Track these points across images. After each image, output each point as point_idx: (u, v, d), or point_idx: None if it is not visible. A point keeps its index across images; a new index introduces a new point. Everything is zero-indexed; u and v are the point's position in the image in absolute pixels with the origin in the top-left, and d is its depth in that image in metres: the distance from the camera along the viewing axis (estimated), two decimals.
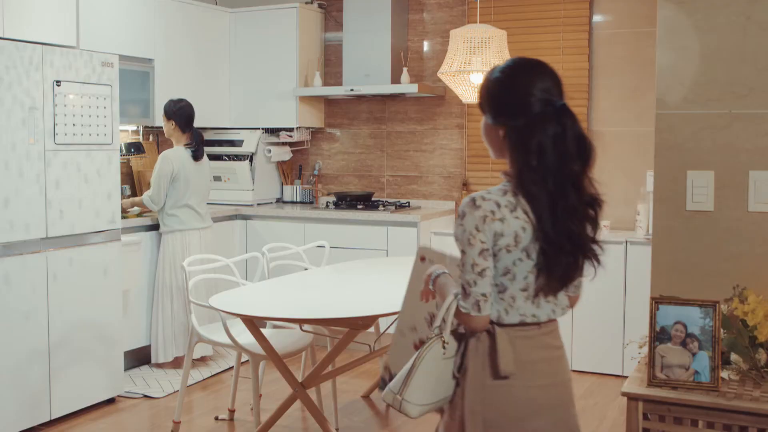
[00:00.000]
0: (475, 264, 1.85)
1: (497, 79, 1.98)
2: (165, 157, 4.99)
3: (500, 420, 1.89)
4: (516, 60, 2.04)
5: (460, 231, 1.87)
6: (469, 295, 1.86)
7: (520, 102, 1.92)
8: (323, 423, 3.55)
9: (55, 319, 4.11)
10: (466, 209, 1.86)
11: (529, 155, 1.85)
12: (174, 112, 5.03)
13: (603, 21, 5.39)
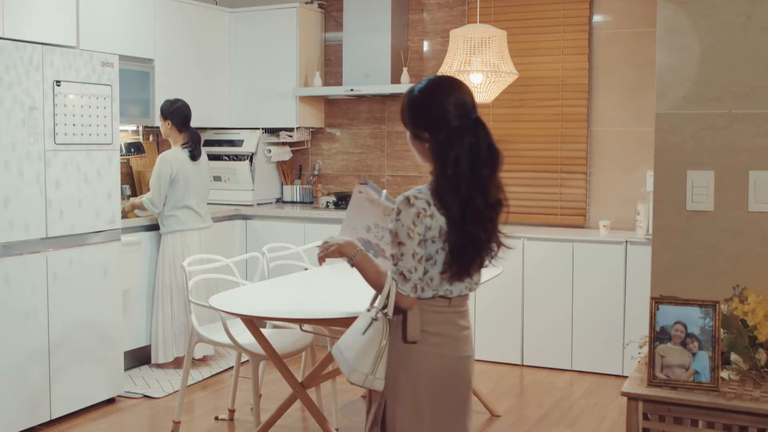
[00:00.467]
0: (415, 253, 2.14)
1: (416, 98, 2.22)
2: (163, 159, 4.98)
3: (411, 375, 2.22)
4: (432, 79, 2.26)
5: (398, 226, 2.14)
6: (409, 280, 2.15)
7: (440, 118, 2.17)
8: (323, 423, 3.55)
9: (55, 319, 4.11)
10: (402, 207, 2.14)
11: (446, 165, 2.14)
12: (171, 111, 5.03)
13: (603, 21, 5.39)
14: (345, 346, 2.26)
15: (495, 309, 5.25)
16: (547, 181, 5.56)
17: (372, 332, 2.19)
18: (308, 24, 6.12)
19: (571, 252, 5.07)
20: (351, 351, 2.23)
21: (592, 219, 5.47)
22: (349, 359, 2.23)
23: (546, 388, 4.81)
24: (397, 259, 2.15)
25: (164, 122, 5.06)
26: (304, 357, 4.43)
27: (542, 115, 5.55)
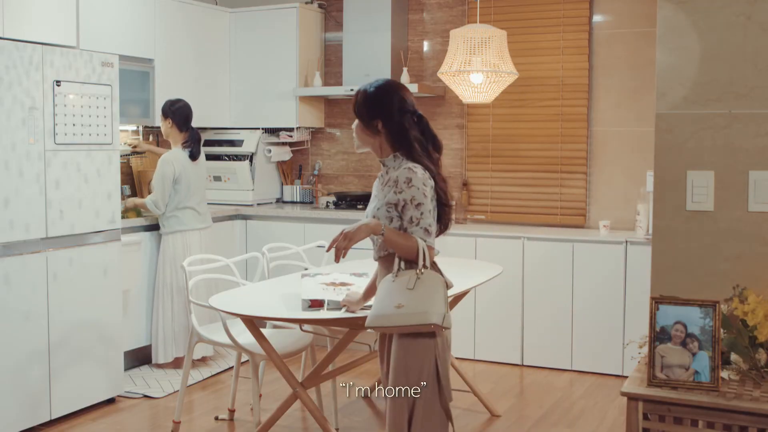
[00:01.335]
0: (431, 210, 2.57)
1: (372, 93, 2.69)
2: (165, 161, 4.98)
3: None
4: (383, 80, 2.75)
5: (414, 191, 2.54)
6: (431, 234, 2.57)
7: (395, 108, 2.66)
8: (323, 423, 3.55)
9: (55, 319, 4.11)
10: (410, 175, 2.55)
11: (410, 144, 2.63)
12: (172, 111, 5.04)
13: (603, 21, 5.39)
14: (398, 303, 2.46)
15: (495, 309, 5.25)
16: (547, 181, 5.56)
17: (426, 281, 2.47)
18: (308, 24, 6.12)
19: (571, 252, 5.07)
20: (414, 302, 2.45)
21: (592, 219, 5.47)
22: (418, 308, 2.44)
23: (546, 388, 4.81)
24: (418, 219, 2.53)
25: (165, 121, 5.06)
26: (304, 357, 4.43)
27: (542, 115, 5.55)
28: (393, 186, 2.57)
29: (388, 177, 2.64)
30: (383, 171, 2.70)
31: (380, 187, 2.68)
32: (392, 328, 2.49)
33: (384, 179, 2.67)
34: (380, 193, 2.65)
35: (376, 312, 2.50)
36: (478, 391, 4.39)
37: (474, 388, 4.39)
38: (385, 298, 2.49)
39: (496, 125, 5.71)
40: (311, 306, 3.22)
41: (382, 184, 2.67)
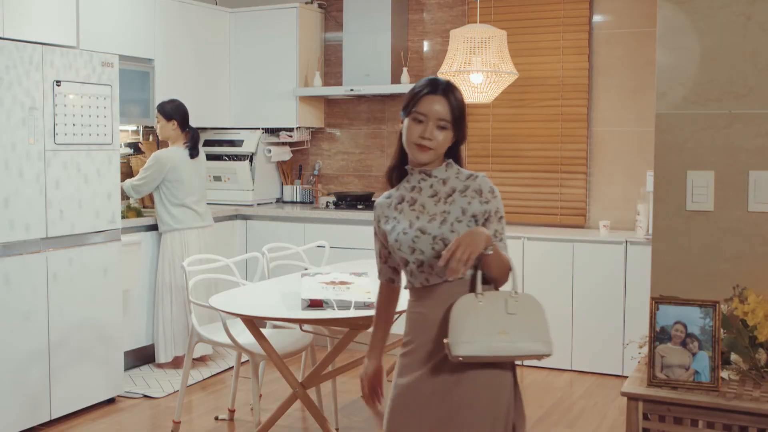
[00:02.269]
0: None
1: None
2: (156, 158, 4.97)
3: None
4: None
5: (498, 201, 2.27)
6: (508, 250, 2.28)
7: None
8: (323, 423, 3.55)
9: (55, 319, 4.11)
10: (493, 186, 2.29)
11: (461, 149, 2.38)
12: (175, 111, 5.03)
13: (603, 21, 5.39)
14: (501, 329, 2.11)
15: None
16: (547, 181, 5.56)
17: (525, 304, 2.14)
18: (308, 24, 6.12)
19: (571, 252, 5.07)
20: (519, 328, 2.11)
21: (592, 219, 5.47)
22: (526, 335, 2.11)
23: (546, 388, 4.81)
24: (501, 234, 2.25)
25: (168, 123, 5.03)
26: (304, 357, 4.43)
27: (542, 115, 5.55)
28: (475, 195, 2.20)
29: (450, 187, 2.23)
30: (425, 183, 2.26)
31: (432, 199, 2.23)
32: (492, 358, 2.10)
33: (435, 191, 2.24)
34: (445, 206, 2.21)
35: (473, 338, 2.08)
36: None
37: None
38: (484, 323, 2.09)
39: (496, 125, 5.71)
40: (311, 305, 3.22)
41: (432, 196, 2.23)
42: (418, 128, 2.20)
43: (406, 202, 2.27)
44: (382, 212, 2.30)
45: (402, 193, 2.29)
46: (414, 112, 2.20)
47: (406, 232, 2.21)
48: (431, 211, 2.22)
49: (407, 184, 2.29)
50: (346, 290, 3.36)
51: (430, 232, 2.19)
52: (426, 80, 2.26)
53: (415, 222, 2.21)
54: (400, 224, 2.23)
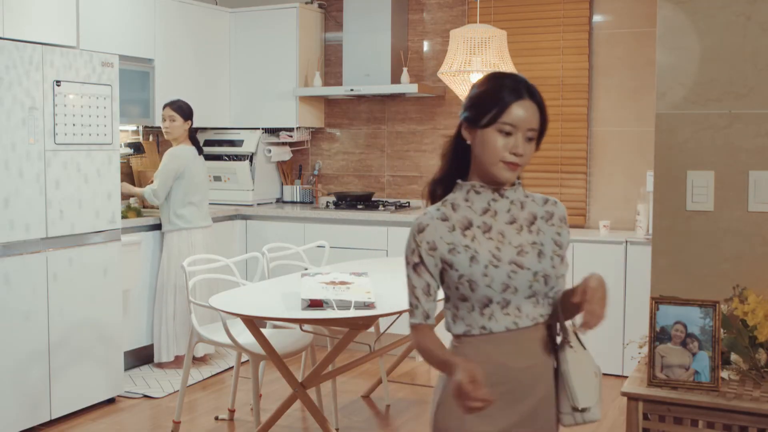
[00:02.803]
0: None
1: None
2: (174, 155, 4.99)
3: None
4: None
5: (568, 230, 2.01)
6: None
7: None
8: (323, 423, 3.55)
9: (55, 319, 4.11)
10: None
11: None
12: (191, 112, 5.07)
13: (603, 21, 5.39)
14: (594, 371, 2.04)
15: None
16: (547, 181, 5.56)
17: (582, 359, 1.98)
18: (308, 24, 6.12)
19: (571, 252, 5.06)
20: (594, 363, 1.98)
21: (592, 219, 5.47)
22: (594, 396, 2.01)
23: None
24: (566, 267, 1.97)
25: (185, 122, 5.05)
26: (304, 357, 4.43)
27: None
28: (562, 224, 1.94)
29: (530, 213, 1.92)
30: (498, 205, 1.90)
31: (511, 227, 1.89)
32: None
33: (512, 216, 1.91)
34: (533, 236, 1.89)
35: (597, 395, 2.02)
36: None
37: None
38: (587, 371, 1.99)
39: None
40: (311, 305, 3.22)
41: (511, 222, 1.90)
42: (505, 142, 1.83)
43: (476, 227, 1.87)
44: (440, 237, 1.85)
45: (467, 216, 1.88)
46: (500, 123, 1.83)
47: (496, 266, 1.82)
48: (515, 241, 1.87)
49: (471, 205, 1.89)
50: (346, 290, 3.36)
51: (530, 267, 1.84)
52: (507, 80, 1.87)
53: (500, 254, 1.84)
54: (482, 255, 1.83)
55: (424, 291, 1.87)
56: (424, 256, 1.85)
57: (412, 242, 1.87)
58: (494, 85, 1.87)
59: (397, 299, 3.47)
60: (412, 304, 1.89)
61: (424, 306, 1.88)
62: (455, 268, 1.83)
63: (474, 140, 1.89)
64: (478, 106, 1.87)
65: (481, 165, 1.88)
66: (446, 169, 1.96)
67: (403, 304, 3.46)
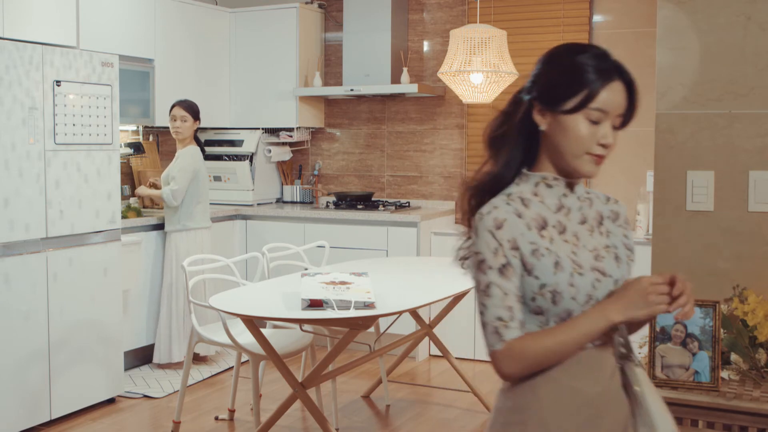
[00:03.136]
0: None
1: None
2: (191, 156, 5.03)
3: None
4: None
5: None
6: None
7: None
8: (323, 423, 3.55)
9: (55, 319, 4.11)
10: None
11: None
12: (199, 111, 5.10)
13: (603, 21, 5.39)
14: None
15: None
16: None
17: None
18: (308, 24, 6.12)
19: None
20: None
21: None
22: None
23: None
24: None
25: (195, 123, 5.09)
26: (304, 357, 4.43)
27: None
28: (627, 227, 1.75)
29: (596, 212, 1.70)
30: (568, 201, 1.67)
31: (583, 227, 1.66)
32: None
33: (583, 215, 1.68)
34: (604, 239, 1.68)
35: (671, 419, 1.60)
36: (478, 391, 4.39)
37: (474, 388, 4.39)
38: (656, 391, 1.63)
39: None
40: (311, 305, 3.22)
41: (582, 222, 1.67)
42: (592, 131, 1.58)
43: (552, 226, 1.61)
44: (521, 235, 1.57)
45: (540, 213, 1.62)
46: (589, 109, 1.57)
47: (581, 273, 1.57)
48: (589, 244, 1.64)
49: (543, 200, 1.64)
50: (346, 290, 3.36)
51: (611, 273, 1.64)
52: (593, 56, 1.60)
53: (579, 259, 1.60)
54: (564, 261, 1.57)
55: (517, 297, 1.56)
56: (509, 257, 1.56)
57: (491, 240, 1.56)
58: (580, 61, 1.58)
59: (397, 299, 3.47)
60: (502, 317, 1.54)
61: (519, 315, 1.55)
62: (535, 275, 1.55)
63: (551, 126, 1.60)
64: (559, 86, 1.58)
65: (560, 155, 1.60)
66: (506, 157, 1.64)
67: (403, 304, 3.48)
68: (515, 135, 1.64)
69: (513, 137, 1.64)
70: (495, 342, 1.54)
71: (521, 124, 1.64)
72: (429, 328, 4.45)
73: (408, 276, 4.16)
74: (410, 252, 5.32)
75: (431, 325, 4.47)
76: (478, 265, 1.57)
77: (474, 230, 1.59)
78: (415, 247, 5.31)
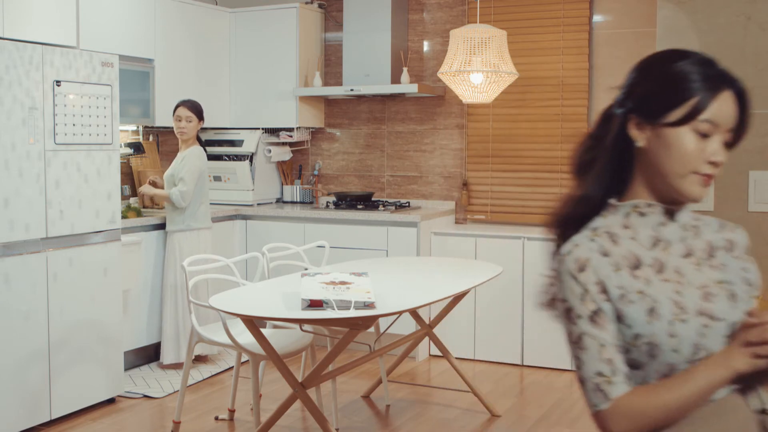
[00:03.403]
0: None
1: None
2: (198, 156, 5.05)
3: None
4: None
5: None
6: None
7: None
8: (323, 423, 3.55)
9: (55, 319, 4.11)
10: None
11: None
12: (203, 111, 5.11)
13: (603, 21, 5.39)
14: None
15: (495, 309, 5.25)
16: (547, 181, 5.57)
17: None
18: (308, 24, 6.12)
19: None
20: None
21: None
22: None
23: (546, 388, 4.81)
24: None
25: (199, 123, 5.10)
26: (304, 357, 4.43)
27: (542, 115, 5.55)
28: (743, 257, 1.52)
29: (706, 242, 1.47)
30: (668, 231, 1.44)
31: (687, 261, 1.43)
32: None
33: (688, 247, 1.45)
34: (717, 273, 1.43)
35: None
36: (478, 391, 4.39)
37: (474, 388, 4.39)
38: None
39: (496, 125, 5.71)
40: (311, 305, 3.22)
41: (687, 255, 1.44)
42: (700, 146, 1.38)
43: (647, 265, 1.39)
44: (606, 277, 1.37)
45: (632, 250, 1.40)
46: (699, 120, 1.38)
47: (683, 319, 1.34)
48: (696, 280, 1.39)
49: (635, 234, 1.42)
50: (346, 290, 3.36)
51: (723, 316, 1.36)
52: (698, 62, 1.45)
53: (683, 300, 1.36)
54: (662, 306, 1.35)
55: (616, 347, 1.35)
56: (599, 302, 1.36)
57: (575, 286, 1.37)
58: (684, 68, 1.42)
59: (397, 299, 3.47)
60: (602, 372, 1.34)
61: (622, 367, 1.34)
62: (627, 323, 1.35)
63: (650, 141, 1.40)
64: (661, 94, 1.40)
65: (661, 176, 1.40)
66: (594, 181, 1.45)
67: (403, 304, 3.49)
68: (607, 156, 1.44)
69: (604, 159, 1.45)
70: (599, 401, 1.34)
71: (613, 143, 1.44)
72: (429, 328, 4.45)
73: (408, 276, 4.17)
74: (410, 252, 5.32)
75: (431, 325, 4.47)
76: (565, 313, 1.38)
77: (556, 274, 1.40)
78: (415, 247, 5.31)
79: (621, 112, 1.44)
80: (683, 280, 1.38)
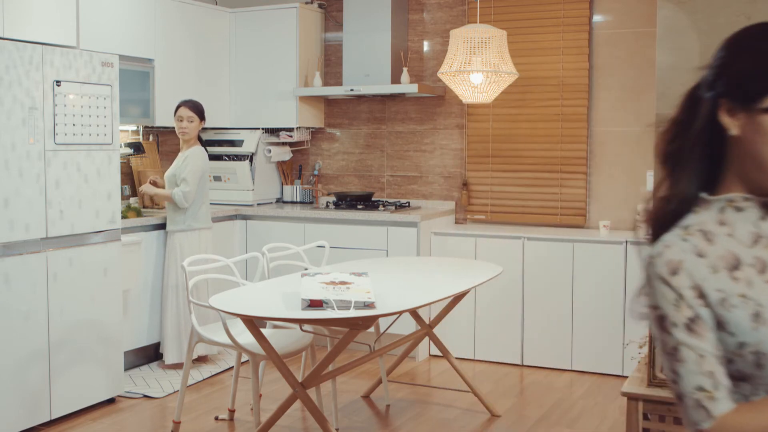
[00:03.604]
0: None
1: None
2: (200, 156, 5.05)
3: None
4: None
5: None
6: None
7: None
8: (323, 423, 3.55)
9: (55, 319, 4.11)
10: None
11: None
12: (204, 111, 5.10)
13: (603, 21, 5.39)
14: None
15: (495, 309, 5.25)
16: (547, 181, 5.56)
17: None
18: (308, 24, 6.12)
19: (571, 252, 5.07)
20: None
21: (592, 219, 5.47)
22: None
23: (546, 388, 4.81)
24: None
25: (201, 123, 5.10)
26: (304, 357, 4.43)
27: (542, 115, 5.55)
28: None
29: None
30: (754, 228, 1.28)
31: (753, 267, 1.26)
32: None
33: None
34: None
35: None
36: (478, 391, 4.39)
37: (474, 388, 4.39)
38: None
39: (496, 125, 5.71)
40: (311, 305, 3.22)
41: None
42: None
43: (748, 265, 1.25)
44: (703, 279, 1.24)
45: (730, 249, 1.26)
46: None
47: None
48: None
49: (732, 231, 1.28)
50: (346, 290, 3.36)
51: None
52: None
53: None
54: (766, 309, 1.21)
55: (718, 358, 1.21)
56: (696, 308, 1.22)
57: (668, 291, 1.24)
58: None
59: (397, 299, 3.47)
60: (703, 387, 1.20)
61: (725, 380, 1.20)
62: (730, 331, 1.21)
63: (745, 129, 1.24)
64: (757, 75, 1.24)
65: (758, 166, 1.25)
66: (684, 176, 1.30)
67: (403, 304, 3.49)
68: (695, 146, 1.29)
69: (692, 149, 1.29)
70: (701, 419, 1.18)
71: (702, 131, 1.28)
72: (429, 328, 4.45)
73: (408, 276, 4.17)
74: (410, 252, 5.32)
75: (431, 325, 4.47)
76: (658, 322, 1.24)
77: (646, 278, 1.29)
78: (415, 247, 5.31)
79: (710, 95, 1.29)
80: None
